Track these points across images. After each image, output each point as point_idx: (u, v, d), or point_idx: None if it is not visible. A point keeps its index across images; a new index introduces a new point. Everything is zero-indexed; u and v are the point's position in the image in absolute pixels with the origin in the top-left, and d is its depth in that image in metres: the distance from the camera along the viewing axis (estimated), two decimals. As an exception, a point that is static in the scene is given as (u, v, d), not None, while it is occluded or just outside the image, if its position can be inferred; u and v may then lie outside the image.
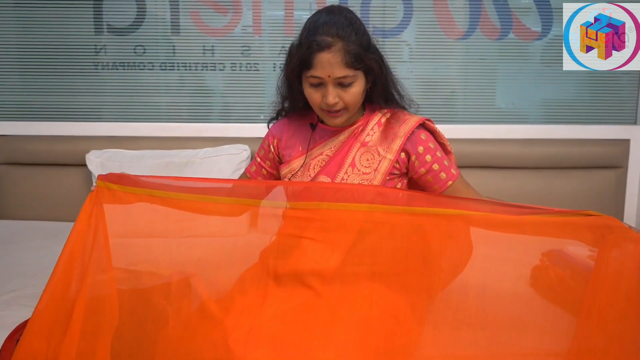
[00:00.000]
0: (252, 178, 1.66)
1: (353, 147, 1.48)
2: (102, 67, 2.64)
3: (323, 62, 1.36)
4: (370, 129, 1.49)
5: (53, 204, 2.55)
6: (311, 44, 1.36)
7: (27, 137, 2.59)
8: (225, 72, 2.66)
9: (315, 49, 1.35)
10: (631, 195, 2.68)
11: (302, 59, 1.38)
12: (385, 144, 1.47)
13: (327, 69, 1.36)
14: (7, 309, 1.61)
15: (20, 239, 2.25)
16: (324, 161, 1.50)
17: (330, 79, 1.37)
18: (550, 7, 2.61)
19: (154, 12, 2.61)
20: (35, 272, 1.89)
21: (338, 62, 1.36)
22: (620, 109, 2.73)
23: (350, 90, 1.40)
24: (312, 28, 1.39)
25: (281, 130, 1.59)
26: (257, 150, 1.65)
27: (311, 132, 1.54)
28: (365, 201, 1.38)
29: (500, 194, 2.59)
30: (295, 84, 1.45)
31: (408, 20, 2.63)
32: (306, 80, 1.41)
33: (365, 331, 1.26)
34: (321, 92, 1.40)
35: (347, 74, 1.37)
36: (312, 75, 1.38)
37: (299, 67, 1.40)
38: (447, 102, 2.74)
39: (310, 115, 1.56)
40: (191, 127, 2.61)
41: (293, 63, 1.41)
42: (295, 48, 1.42)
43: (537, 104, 2.76)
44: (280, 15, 2.63)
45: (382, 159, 1.46)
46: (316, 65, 1.37)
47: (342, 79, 1.37)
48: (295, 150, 1.55)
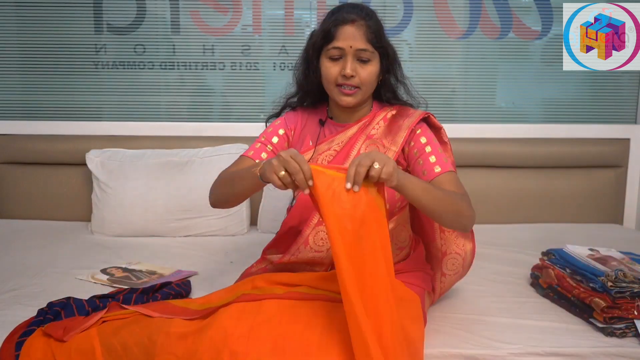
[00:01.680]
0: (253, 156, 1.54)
1: (359, 140, 1.52)
2: (102, 67, 2.63)
3: (346, 33, 1.44)
4: (376, 123, 1.54)
5: (53, 203, 2.55)
6: (337, 18, 1.45)
7: (27, 136, 2.59)
8: (225, 71, 2.66)
9: (340, 22, 1.44)
10: (631, 195, 2.68)
11: (325, 33, 1.45)
12: (390, 137, 1.51)
13: (349, 40, 1.43)
14: (7, 308, 1.61)
15: (20, 238, 2.25)
16: (332, 156, 1.53)
17: (351, 49, 1.44)
18: (551, 7, 2.60)
19: (154, 11, 2.61)
20: (35, 272, 1.89)
21: (361, 35, 1.44)
22: (621, 108, 2.72)
23: (367, 68, 1.46)
24: (336, 10, 1.48)
25: (295, 122, 1.61)
26: (263, 139, 1.57)
27: (320, 128, 1.57)
28: None
29: (501, 194, 2.60)
30: (313, 62, 1.51)
31: (408, 20, 2.63)
32: (326, 54, 1.47)
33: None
34: (340, 65, 1.46)
35: (367, 48, 1.44)
36: (333, 46, 1.45)
37: (320, 42, 1.47)
38: (447, 101, 2.74)
39: (320, 110, 1.60)
40: (191, 127, 2.61)
41: (315, 36, 1.49)
42: (317, 30, 1.50)
43: (537, 103, 2.76)
44: (280, 14, 2.63)
45: (386, 150, 1.49)
46: (339, 36, 1.44)
47: (362, 52, 1.44)
48: (305, 145, 1.58)
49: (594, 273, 1.57)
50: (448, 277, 1.64)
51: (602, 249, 1.76)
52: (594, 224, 2.58)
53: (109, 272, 1.88)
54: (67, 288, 1.75)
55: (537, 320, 1.58)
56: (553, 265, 1.72)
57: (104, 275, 1.86)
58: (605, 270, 1.56)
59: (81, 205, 2.53)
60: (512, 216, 2.59)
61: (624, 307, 1.49)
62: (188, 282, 1.77)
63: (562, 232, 2.41)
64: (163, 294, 1.63)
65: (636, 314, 1.49)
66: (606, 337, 1.48)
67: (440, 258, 1.63)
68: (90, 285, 1.78)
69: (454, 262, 1.62)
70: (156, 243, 2.26)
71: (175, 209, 2.32)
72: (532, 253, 2.02)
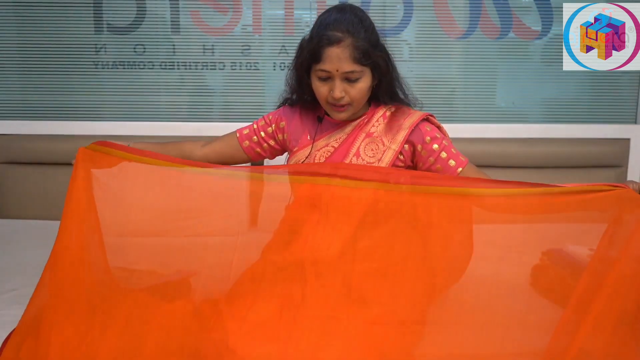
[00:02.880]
0: (240, 138, 1.68)
1: (358, 137, 1.52)
2: (102, 66, 2.63)
3: (332, 56, 1.40)
4: (375, 121, 1.54)
5: (53, 203, 2.55)
6: (322, 38, 1.41)
7: (27, 136, 2.59)
8: (225, 71, 2.66)
9: (325, 43, 1.40)
10: (631, 195, 2.68)
11: (312, 53, 1.43)
12: (390, 135, 1.51)
13: (335, 63, 1.40)
14: (7, 308, 1.61)
15: (20, 238, 2.25)
16: (329, 152, 1.53)
17: (338, 73, 1.41)
18: (551, 6, 2.61)
19: (154, 11, 2.61)
20: (35, 271, 1.88)
21: (346, 57, 1.40)
22: (621, 108, 2.73)
23: (357, 86, 1.44)
24: (323, 24, 1.44)
25: (291, 116, 1.62)
26: (255, 127, 1.68)
27: (318, 124, 1.58)
28: (374, 179, 1.39)
29: (500, 194, 2.59)
30: (304, 77, 1.50)
31: (408, 19, 2.63)
32: (315, 73, 1.46)
33: (367, 330, 1.26)
34: (329, 85, 1.44)
35: (355, 69, 1.41)
36: (320, 68, 1.43)
37: (308, 61, 1.45)
38: (447, 101, 2.74)
39: (318, 108, 1.60)
40: (191, 127, 2.61)
41: (303, 56, 1.46)
42: (306, 42, 1.47)
43: (537, 103, 2.76)
44: (280, 14, 2.63)
45: (386, 149, 1.50)
46: (325, 59, 1.41)
47: (349, 74, 1.42)
48: (302, 141, 1.58)
49: (594, 273, 1.57)
50: None
51: (602, 249, 1.75)
52: (594, 223, 2.58)
53: (109, 272, 1.88)
54: (67, 288, 1.74)
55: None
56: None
57: (104, 275, 1.85)
58: (605, 270, 1.56)
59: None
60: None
61: (624, 307, 1.48)
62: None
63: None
64: (163, 294, 1.62)
65: (636, 314, 1.48)
66: (606, 337, 1.48)
67: None
68: (90, 285, 1.77)
69: None
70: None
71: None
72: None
